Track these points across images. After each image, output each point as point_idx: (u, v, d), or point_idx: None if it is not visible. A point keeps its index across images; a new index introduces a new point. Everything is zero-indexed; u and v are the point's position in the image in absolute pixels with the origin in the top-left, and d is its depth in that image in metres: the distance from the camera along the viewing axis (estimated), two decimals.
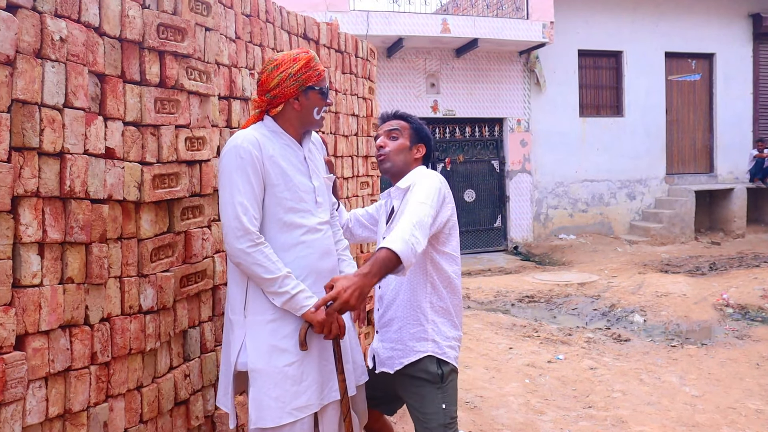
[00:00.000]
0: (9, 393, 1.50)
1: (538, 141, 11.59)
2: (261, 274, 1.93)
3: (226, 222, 1.95)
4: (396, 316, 2.25)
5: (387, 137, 2.42)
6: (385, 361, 2.28)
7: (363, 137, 3.75)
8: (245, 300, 2.02)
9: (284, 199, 2.03)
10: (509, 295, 7.59)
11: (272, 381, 1.96)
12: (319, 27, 3.28)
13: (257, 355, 1.98)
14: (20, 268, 1.57)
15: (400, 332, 2.23)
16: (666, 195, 12.20)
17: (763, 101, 12.95)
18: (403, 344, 2.22)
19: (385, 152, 2.39)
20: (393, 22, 9.76)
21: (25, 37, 1.56)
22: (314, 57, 2.09)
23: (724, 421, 3.77)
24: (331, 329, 1.99)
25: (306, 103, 2.08)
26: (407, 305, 2.24)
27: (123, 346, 1.89)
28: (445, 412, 2.17)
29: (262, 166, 1.99)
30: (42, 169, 1.62)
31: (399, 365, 2.23)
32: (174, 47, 2.07)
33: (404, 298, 2.25)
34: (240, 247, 1.92)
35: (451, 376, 2.23)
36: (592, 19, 11.76)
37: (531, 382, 4.48)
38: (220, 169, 2.01)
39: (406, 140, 2.40)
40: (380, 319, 2.32)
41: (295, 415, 1.96)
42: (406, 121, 2.45)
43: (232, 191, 1.95)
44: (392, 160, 2.38)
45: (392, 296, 2.28)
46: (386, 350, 2.28)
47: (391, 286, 2.29)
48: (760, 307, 6.53)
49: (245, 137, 1.99)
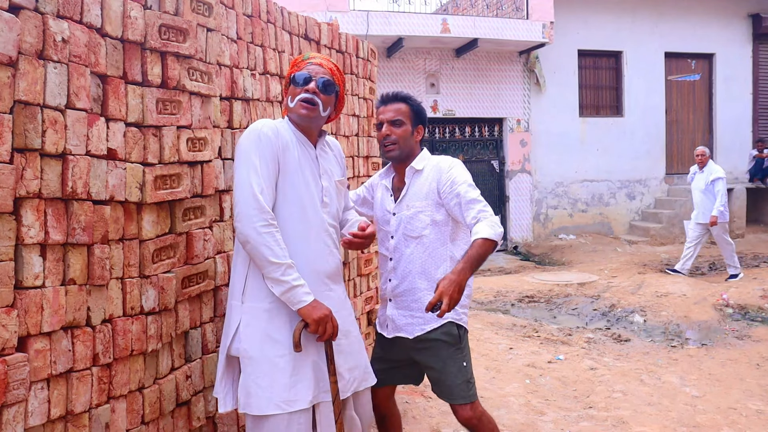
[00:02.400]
0: (11, 395, 1.50)
1: (538, 141, 11.59)
2: (267, 257, 1.91)
3: (241, 199, 1.94)
4: (414, 287, 2.44)
5: (391, 125, 2.50)
6: (402, 327, 2.47)
7: (364, 137, 3.75)
8: (244, 286, 2.04)
9: (291, 190, 2.05)
10: (509, 296, 7.59)
11: (262, 370, 1.97)
12: (320, 27, 3.28)
13: (250, 342, 2.00)
14: (22, 269, 1.57)
15: (419, 302, 2.42)
16: (666, 195, 12.20)
17: (762, 101, 12.95)
18: (423, 312, 2.39)
19: (392, 140, 2.49)
20: (393, 22, 9.75)
21: (28, 38, 1.56)
22: (306, 53, 2.16)
23: (724, 422, 3.77)
24: (325, 329, 1.98)
25: (287, 95, 2.16)
26: (427, 277, 2.43)
27: (125, 347, 1.88)
28: (466, 369, 2.43)
29: (279, 151, 2.02)
30: (44, 171, 1.62)
31: (420, 331, 2.43)
32: (176, 48, 2.07)
33: (422, 270, 2.43)
34: (253, 225, 1.91)
35: (466, 337, 2.49)
36: (592, 19, 11.76)
37: (531, 382, 4.48)
38: (238, 150, 2.03)
39: (409, 125, 2.52)
40: (394, 289, 2.49)
41: (282, 408, 1.95)
42: (406, 103, 2.54)
43: (249, 171, 1.96)
44: (400, 148, 2.50)
45: (407, 268, 2.46)
46: (404, 317, 2.47)
47: (404, 259, 2.46)
48: (760, 308, 6.54)
49: (265, 123, 2.05)
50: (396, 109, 2.50)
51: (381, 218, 2.60)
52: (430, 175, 2.48)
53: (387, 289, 2.55)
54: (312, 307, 1.96)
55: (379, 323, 2.64)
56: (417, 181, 2.51)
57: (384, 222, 2.58)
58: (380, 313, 2.65)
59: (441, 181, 2.42)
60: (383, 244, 2.59)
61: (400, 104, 2.52)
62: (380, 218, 2.61)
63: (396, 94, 2.55)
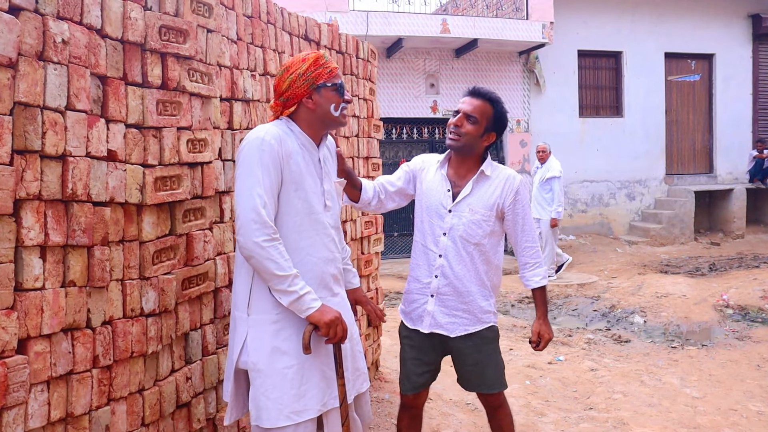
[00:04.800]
0: (11, 397, 1.50)
1: (538, 141, 11.56)
2: (273, 270, 1.89)
3: (243, 213, 1.89)
4: (467, 290, 2.51)
5: (465, 118, 2.47)
6: (444, 324, 2.53)
7: (364, 138, 3.75)
8: (249, 297, 2.01)
9: (295, 199, 2.01)
10: (509, 296, 7.59)
11: (272, 382, 1.96)
12: (320, 28, 3.27)
13: (258, 356, 1.97)
14: (22, 271, 1.57)
15: (469, 305, 2.51)
16: (665, 195, 12.19)
17: (762, 102, 12.94)
18: (472, 315, 2.52)
19: (459, 132, 2.48)
20: (392, 22, 9.74)
21: (28, 39, 1.56)
22: (323, 55, 2.08)
23: (725, 423, 3.77)
24: (336, 332, 1.98)
25: (320, 101, 2.06)
26: (480, 282, 2.52)
27: (125, 349, 1.88)
28: (501, 359, 2.64)
29: (282, 161, 1.97)
30: (44, 172, 1.61)
31: (462, 332, 2.52)
32: (176, 49, 2.06)
33: (476, 275, 2.51)
34: (256, 240, 1.87)
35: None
36: (592, 19, 11.75)
37: (531, 383, 4.47)
38: (239, 159, 1.97)
39: (481, 128, 2.49)
40: (441, 287, 2.52)
41: (292, 419, 1.95)
42: (492, 105, 2.52)
43: (252, 182, 1.91)
44: (462, 142, 2.49)
45: (461, 271, 2.50)
46: (447, 316, 2.52)
47: (459, 261, 2.50)
48: (760, 308, 6.53)
49: (267, 131, 1.98)
50: (479, 105, 2.48)
51: (433, 210, 2.54)
52: (499, 186, 2.51)
53: (431, 284, 2.53)
54: (321, 312, 1.95)
55: (412, 318, 2.60)
56: (483, 186, 2.51)
57: (436, 215, 2.52)
58: (412, 306, 2.60)
59: (508, 196, 2.51)
60: (431, 238, 2.54)
61: (486, 104, 2.49)
62: (431, 210, 2.55)
63: (487, 93, 2.52)
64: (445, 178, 2.55)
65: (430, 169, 2.62)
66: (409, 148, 10.97)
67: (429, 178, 2.60)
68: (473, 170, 2.54)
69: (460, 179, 2.54)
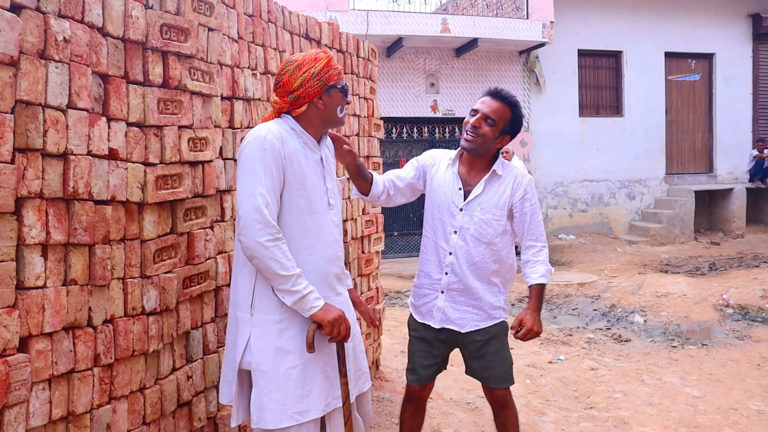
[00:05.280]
0: (12, 395, 1.50)
1: (538, 141, 11.58)
2: (276, 270, 1.88)
3: (245, 213, 1.88)
4: (477, 287, 2.52)
5: (483, 119, 2.47)
6: (454, 320, 2.55)
7: (364, 137, 3.75)
8: (252, 297, 1.99)
9: (298, 199, 2.00)
10: (509, 296, 7.59)
11: (275, 383, 1.95)
12: (321, 27, 3.27)
13: (262, 356, 1.96)
14: (24, 269, 1.57)
15: (479, 301, 2.53)
16: (665, 195, 12.20)
17: (762, 101, 12.95)
18: (482, 311, 2.54)
19: (475, 133, 2.46)
20: (393, 21, 9.75)
21: (29, 37, 1.56)
22: (333, 57, 2.08)
23: (725, 422, 3.77)
24: (340, 330, 1.97)
25: (329, 102, 2.06)
26: (486, 279, 2.54)
27: (126, 347, 1.88)
28: (510, 355, 2.65)
29: (284, 160, 1.95)
30: (45, 171, 1.61)
31: (473, 327, 2.54)
32: (177, 48, 2.06)
33: (484, 274, 2.52)
34: (259, 240, 1.86)
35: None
36: (592, 19, 11.75)
37: (532, 382, 4.47)
38: (241, 158, 1.96)
39: (497, 130, 2.48)
40: (451, 284, 2.54)
41: (296, 419, 1.95)
42: (511, 109, 2.51)
43: (254, 182, 1.89)
44: (477, 143, 2.48)
45: (471, 269, 2.52)
46: (458, 312, 2.54)
47: (470, 259, 2.51)
48: (760, 308, 6.53)
49: (269, 130, 1.96)
50: (498, 108, 2.47)
51: (444, 208, 2.55)
52: (509, 185, 2.52)
53: (441, 281, 2.55)
54: (324, 310, 1.94)
55: (421, 312, 2.62)
56: (494, 186, 2.52)
57: (447, 213, 2.54)
58: (422, 300, 2.62)
59: (516, 194, 2.52)
60: (441, 235, 2.55)
61: (505, 106, 2.48)
62: (442, 207, 2.56)
63: (507, 95, 2.50)
64: (456, 176, 2.55)
65: (441, 165, 2.62)
66: (409, 148, 10.98)
67: (440, 175, 2.60)
68: (485, 169, 2.54)
69: (472, 178, 2.55)
